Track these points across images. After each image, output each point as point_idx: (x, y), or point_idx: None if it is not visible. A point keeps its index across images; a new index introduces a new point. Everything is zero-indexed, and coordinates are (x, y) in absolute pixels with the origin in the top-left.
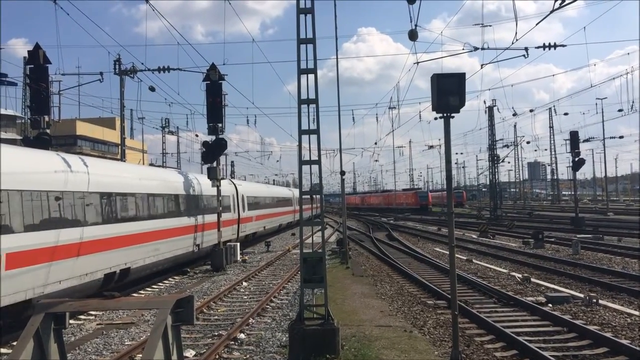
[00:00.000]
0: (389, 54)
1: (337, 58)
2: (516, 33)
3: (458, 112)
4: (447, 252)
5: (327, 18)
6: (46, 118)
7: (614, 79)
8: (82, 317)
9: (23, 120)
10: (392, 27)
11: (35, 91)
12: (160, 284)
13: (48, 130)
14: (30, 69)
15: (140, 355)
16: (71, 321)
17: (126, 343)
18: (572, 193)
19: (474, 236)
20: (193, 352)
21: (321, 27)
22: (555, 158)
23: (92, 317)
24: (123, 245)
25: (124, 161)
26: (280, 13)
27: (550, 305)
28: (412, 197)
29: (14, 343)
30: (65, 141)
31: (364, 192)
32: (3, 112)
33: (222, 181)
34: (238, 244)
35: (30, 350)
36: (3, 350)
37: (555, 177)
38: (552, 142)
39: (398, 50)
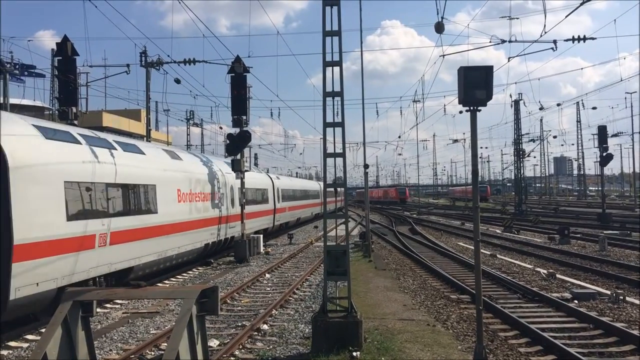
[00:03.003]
0: (413, 47)
1: (361, 51)
2: (545, 25)
3: (485, 105)
4: (471, 247)
5: (350, 11)
6: (74, 109)
7: None
8: (108, 305)
9: (51, 112)
10: (417, 19)
11: (64, 83)
12: (184, 274)
13: (76, 122)
14: (58, 61)
15: (166, 344)
16: (98, 309)
17: (151, 332)
18: (599, 189)
19: (498, 231)
20: (217, 342)
21: (344, 20)
22: (582, 153)
23: (118, 306)
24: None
25: None
26: (305, 6)
27: (576, 301)
28: (394, 192)
29: (43, 330)
30: None
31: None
32: (32, 103)
33: (311, 181)
34: (261, 236)
35: (59, 337)
36: (31, 337)
37: (582, 172)
38: (579, 136)
39: (422, 43)
